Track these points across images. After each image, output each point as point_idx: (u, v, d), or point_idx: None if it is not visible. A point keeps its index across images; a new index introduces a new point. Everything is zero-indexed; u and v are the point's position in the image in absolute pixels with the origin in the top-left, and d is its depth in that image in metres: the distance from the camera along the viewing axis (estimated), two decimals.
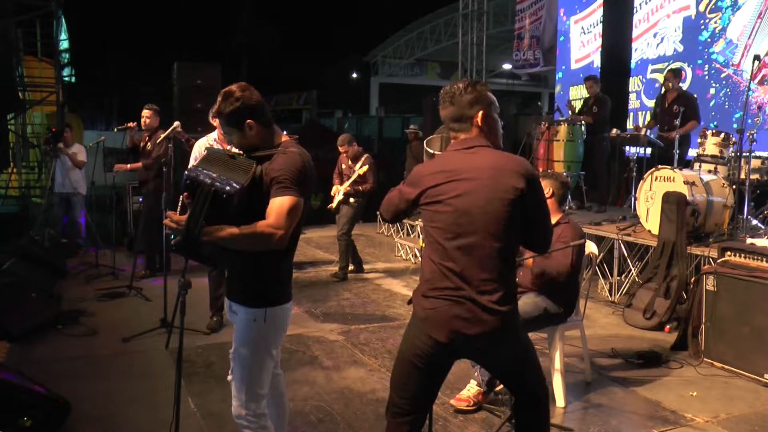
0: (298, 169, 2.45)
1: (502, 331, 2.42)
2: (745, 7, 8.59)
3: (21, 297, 5.38)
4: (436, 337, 2.42)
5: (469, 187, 2.39)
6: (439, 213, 2.43)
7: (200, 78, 9.61)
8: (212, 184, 2.34)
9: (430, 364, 2.49)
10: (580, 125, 8.50)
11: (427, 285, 2.46)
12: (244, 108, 2.50)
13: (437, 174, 2.45)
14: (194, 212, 2.34)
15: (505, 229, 2.39)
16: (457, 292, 2.38)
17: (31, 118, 12.46)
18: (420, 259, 8.25)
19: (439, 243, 2.43)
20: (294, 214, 2.40)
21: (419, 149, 10.92)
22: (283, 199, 2.38)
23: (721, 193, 6.13)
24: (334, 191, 7.41)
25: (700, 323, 4.81)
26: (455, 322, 2.39)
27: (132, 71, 31.17)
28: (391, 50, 29.34)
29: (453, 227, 2.40)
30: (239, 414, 2.62)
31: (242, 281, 2.59)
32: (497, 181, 2.38)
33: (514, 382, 2.65)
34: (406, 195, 2.56)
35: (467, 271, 2.38)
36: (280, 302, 2.59)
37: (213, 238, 2.34)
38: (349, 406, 3.99)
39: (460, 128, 2.52)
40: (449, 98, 2.53)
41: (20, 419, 3.34)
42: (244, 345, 2.58)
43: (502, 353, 2.51)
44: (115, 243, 7.94)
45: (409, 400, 2.54)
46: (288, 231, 2.38)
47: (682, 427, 3.77)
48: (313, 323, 5.75)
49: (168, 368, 4.51)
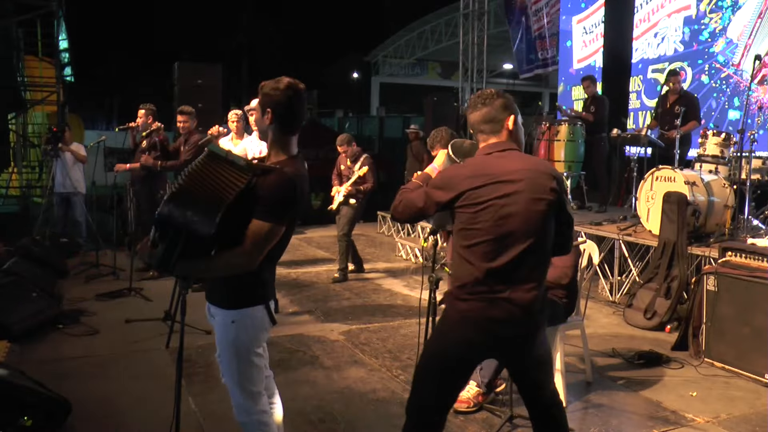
0: (286, 194, 2.46)
1: (535, 331, 2.51)
2: (746, 6, 8.58)
3: (22, 296, 5.37)
4: (472, 338, 2.45)
5: (509, 189, 2.42)
6: (480, 215, 2.43)
7: (201, 78, 9.63)
8: (185, 225, 2.32)
9: (464, 366, 2.56)
10: (580, 125, 8.50)
11: (463, 288, 2.47)
12: (274, 99, 2.56)
13: (475, 177, 2.46)
14: (166, 250, 2.37)
15: (543, 230, 2.47)
16: (495, 293, 2.42)
17: (31, 117, 12.46)
18: (420, 259, 8.29)
19: (478, 245, 2.44)
20: (269, 240, 2.44)
21: (420, 149, 10.92)
22: (262, 225, 2.40)
23: (722, 193, 6.13)
24: (334, 192, 7.41)
25: (701, 323, 4.81)
26: (492, 324, 2.43)
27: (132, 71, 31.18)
28: (391, 50, 29.30)
29: (494, 229, 2.42)
30: (239, 413, 2.63)
31: (220, 284, 2.60)
32: (535, 182, 2.45)
33: (535, 385, 2.65)
34: (437, 198, 2.53)
35: (506, 272, 2.42)
36: (258, 302, 2.58)
37: (184, 274, 2.43)
38: (349, 406, 3.99)
39: (492, 130, 2.56)
40: (482, 101, 2.58)
41: (20, 419, 3.35)
42: (226, 348, 2.59)
43: (533, 352, 2.55)
44: (116, 243, 7.95)
45: (440, 400, 2.58)
46: (260, 256, 2.44)
47: (682, 427, 3.77)
48: (313, 323, 5.75)
49: (168, 368, 4.51)
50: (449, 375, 2.54)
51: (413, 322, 5.60)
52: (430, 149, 4.56)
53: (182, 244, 2.34)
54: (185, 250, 2.35)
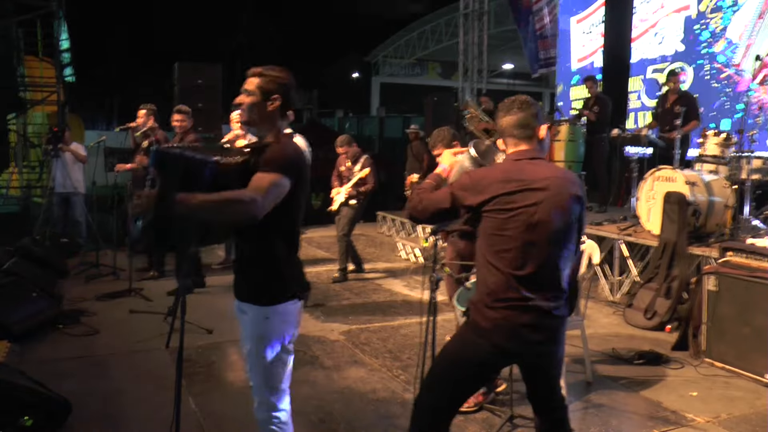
0: (287, 155, 2.46)
1: (561, 335, 2.59)
2: (746, 7, 8.59)
3: (22, 296, 5.38)
4: (502, 345, 2.47)
5: (542, 196, 2.44)
6: (510, 222, 2.44)
7: (201, 78, 9.61)
8: (182, 155, 2.30)
9: (488, 371, 2.66)
10: (581, 125, 8.50)
11: (492, 296, 2.47)
12: (283, 84, 2.56)
13: (507, 182, 2.46)
14: (164, 184, 2.27)
15: (571, 237, 2.53)
16: (525, 301, 2.44)
17: (31, 117, 12.46)
18: (421, 259, 8.29)
19: (507, 251, 2.45)
20: (274, 191, 2.36)
21: (420, 149, 10.91)
22: (264, 174, 2.37)
23: (722, 193, 6.13)
24: (334, 193, 7.40)
25: (701, 323, 4.81)
26: (523, 330, 2.45)
27: (133, 71, 31.18)
28: (392, 50, 29.31)
29: (524, 236, 2.43)
30: (260, 411, 2.61)
31: (249, 280, 2.59)
32: (565, 191, 2.49)
33: (550, 387, 2.68)
34: (464, 200, 2.52)
35: (536, 279, 2.45)
36: (292, 298, 2.58)
37: (186, 206, 2.22)
38: (349, 407, 3.99)
39: (524, 136, 2.58)
40: (518, 105, 2.61)
41: (20, 419, 3.35)
42: (256, 343, 2.57)
43: (554, 356, 2.62)
44: (117, 243, 7.94)
45: (456, 404, 2.66)
46: (264, 204, 2.32)
47: (682, 427, 3.77)
48: (313, 323, 5.75)
49: (168, 368, 4.50)
50: (471, 380, 2.63)
51: (413, 322, 5.60)
52: (431, 149, 4.56)
53: (181, 176, 2.27)
54: (183, 185, 2.25)
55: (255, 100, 2.55)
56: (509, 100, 2.65)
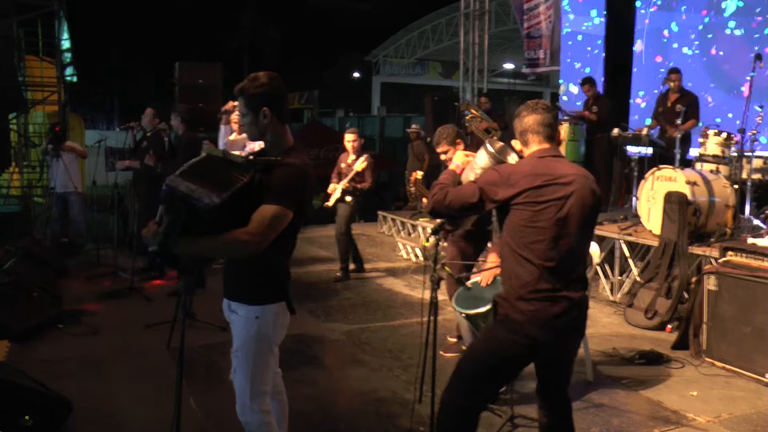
0: (294, 183, 2.48)
1: (585, 325, 2.73)
2: None
3: (22, 296, 5.38)
4: (538, 337, 2.55)
5: (567, 191, 2.57)
6: (541, 214, 2.55)
7: (201, 78, 9.61)
8: (189, 196, 2.31)
9: (522, 365, 2.71)
10: (581, 125, 8.49)
11: (526, 288, 2.56)
12: (266, 94, 2.57)
13: (536, 176, 2.57)
14: (169, 224, 2.34)
15: (591, 230, 2.71)
16: (556, 292, 2.55)
17: (32, 117, 12.45)
18: (421, 258, 8.28)
19: (538, 243, 2.55)
20: (276, 224, 2.43)
21: (421, 148, 10.91)
22: (269, 207, 2.41)
23: (723, 192, 6.12)
24: (332, 189, 7.38)
25: (702, 323, 4.80)
26: (556, 321, 2.55)
27: (133, 71, 31.23)
28: (392, 50, 29.32)
29: (554, 228, 2.54)
30: (243, 412, 2.62)
31: (241, 280, 2.61)
32: (587, 186, 2.62)
33: (564, 379, 2.78)
34: (494, 195, 2.61)
35: (564, 270, 2.57)
36: (281, 299, 2.62)
37: (188, 252, 2.39)
38: (349, 406, 3.99)
39: (548, 135, 2.70)
40: (542, 106, 2.75)
41: (21, 419, 3.35)
42: (246, 343, 2.59)
43: (577, 346, 2.77)
44: (117, 243, 7.95)
45: (489, 400, 2.85)
46: (265, 240, 2.41)
47: (683, 426, 3.77)
48: (314, 323, 5.75)
49: (169, 368, 4.51)
50: (505, 376, 2.75)
51: (414, 321, 5.59)
52: (435, 146, 4.57)
53: (185, 215, 2.31)
54: (188, 224, 2.32)
55: (249, 120, 2.61)
56: (533, 102, 2.79)
